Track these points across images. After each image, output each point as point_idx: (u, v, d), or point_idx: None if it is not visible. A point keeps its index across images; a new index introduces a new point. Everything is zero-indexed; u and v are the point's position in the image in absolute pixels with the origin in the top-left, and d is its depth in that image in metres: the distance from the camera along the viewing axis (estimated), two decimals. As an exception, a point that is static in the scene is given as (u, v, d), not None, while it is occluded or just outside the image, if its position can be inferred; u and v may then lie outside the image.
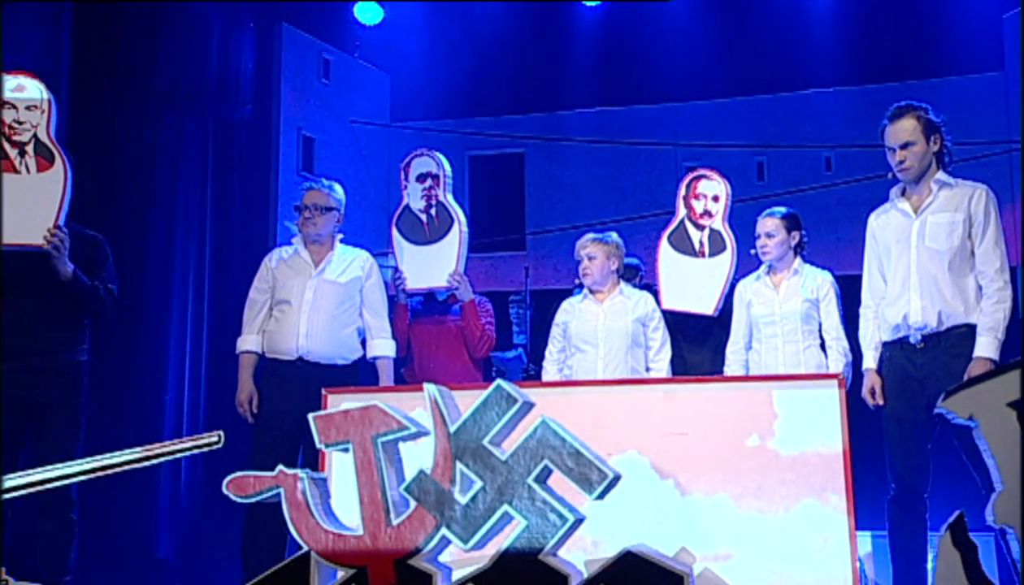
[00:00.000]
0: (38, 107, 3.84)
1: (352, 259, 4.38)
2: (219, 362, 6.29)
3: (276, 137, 6.54)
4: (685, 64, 6.77)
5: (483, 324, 4.57)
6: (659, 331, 4.36)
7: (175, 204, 6.19)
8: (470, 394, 3.84)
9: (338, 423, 1.72)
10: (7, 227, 3.74)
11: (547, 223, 7.16)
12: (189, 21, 6.19)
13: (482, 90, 7.09)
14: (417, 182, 4.59)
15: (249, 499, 1.74)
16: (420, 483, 1.66)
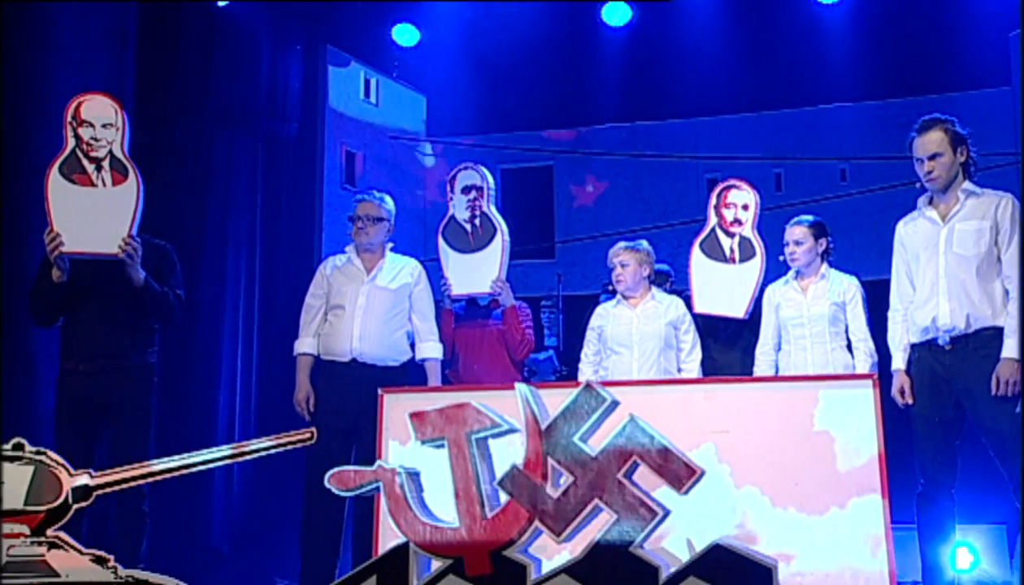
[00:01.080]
0: (113, 125, 3.86)
1: (402, 266, 4.39)
2: (268, 363, 6.33)
3: (321, 152, 6.59)
4: (706, 81, 6.78)
5: (524, 328, 4.57)
6: (690, 334, 4.35)
7: (227, 215, 6.23)
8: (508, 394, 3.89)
9: (434, 421, 1.72)
10: (85, 237, 3.78)
11: (575, 232, 7.17)
12: (241, 44, 6.23)
13: (512, 107, 7.12)
14: (462, 194, 4.60)
15: (350, 492, 1.74)
16: (513, 478, 1.65)
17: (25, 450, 2.05)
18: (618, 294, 4.43)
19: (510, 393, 3.95)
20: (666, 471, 1.66)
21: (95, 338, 3.89)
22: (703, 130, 7.00)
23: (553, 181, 7.26)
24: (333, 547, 4.24)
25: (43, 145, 4.65)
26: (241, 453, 2.16)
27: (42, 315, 3.99)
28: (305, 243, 6.50)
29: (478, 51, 7.00)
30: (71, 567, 1.97)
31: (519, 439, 1.73)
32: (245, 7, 6.14)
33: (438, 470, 3.68)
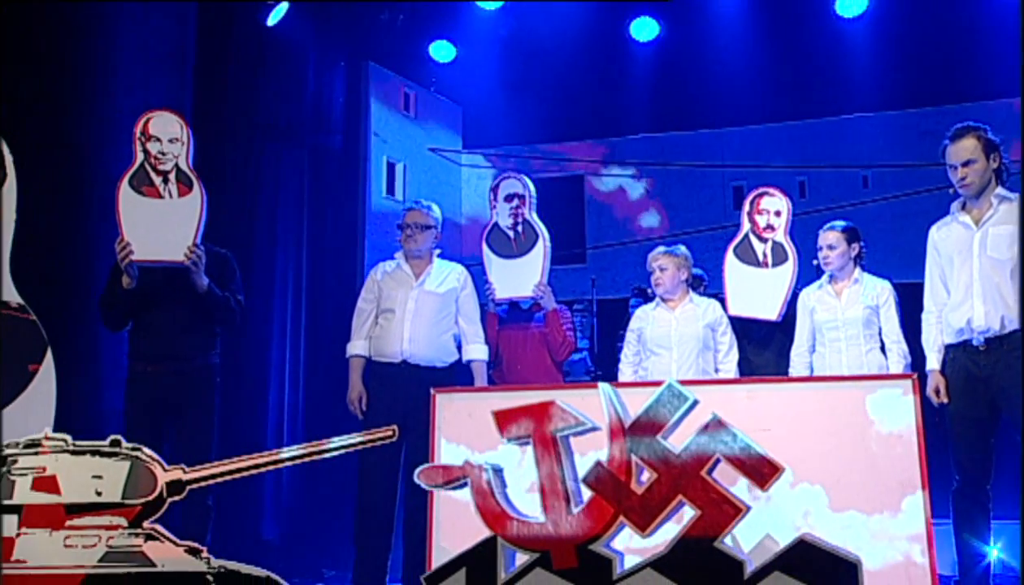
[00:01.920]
0: (179, 139, 3.91)
1: (449, 272, 4.42)
2: (315, 365, 6.37)
3: (364, 163, 6.60)
4: (731, 93, 6.76)
5: (565, 330, 4.58)
6: (727, 335, 4.34)
7: (276, 223, 6.28)
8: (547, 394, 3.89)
9: (518, 418, 1.73)
10: (154, 245, 3.82)
11: (605, 239, 7.16)
12: (288, 63, 6.29)
13: (545, 119, 7.12)
14: (505, 202, 4.61)
15: (437, 487, 1.75)
16: (597, 475, 1.65)
17: (122, 447, 2.07)
18: (657, 297, 4.42)
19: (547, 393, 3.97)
20: (749, 468, 1.65)
21: (162, 341, 3.94)
22: (729, 140, 6.98)
23: (584, 189, 7.25)
24: (386, 540, 4.26)
25: (109, 159, 4.71)
26: (328, 449, 2.18)
27: (112, 320, 4.04)
28: (349, 249, 6.54)
29: (512, 66, 7.01)
30: (166, 557, 1.99)
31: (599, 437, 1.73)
32: (292, 28, 6.19)
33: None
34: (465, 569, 1.50)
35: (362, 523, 4.24)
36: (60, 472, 2.05)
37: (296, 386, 6.31)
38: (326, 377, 6.29)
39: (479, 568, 1.49)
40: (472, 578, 1.49)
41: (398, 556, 4.34)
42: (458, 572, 1.50)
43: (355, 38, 6.65)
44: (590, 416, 1.75)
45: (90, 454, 2.05)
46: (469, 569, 1.50)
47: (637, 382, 3.72)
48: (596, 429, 1.73)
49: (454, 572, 1.50)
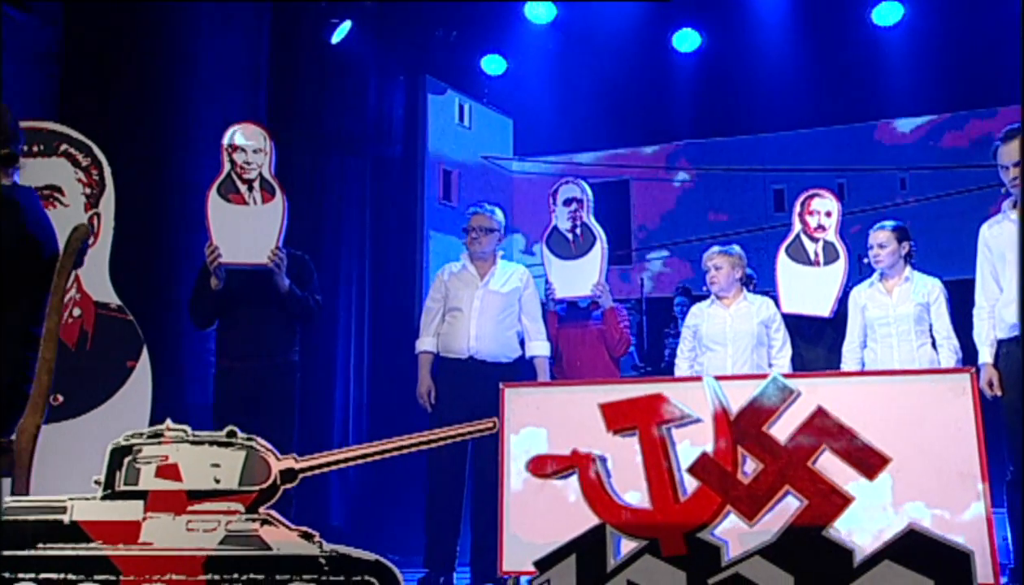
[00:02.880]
0: (262, 150, 3.95)
1: (512, 272, 4.41)
2: (378, 362, 6.40)
3: (421, 171, 6.63)
4: (771, 100, 6.70)
5: (622, 327, 4.55)
6: (780, 332, 4.29)
7: (340, 228, 6.32)
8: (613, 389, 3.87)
9: (626, 411, 1.71)
10: (240, 249, 3.86)
11: (650, 241, 7.12)
12: (351, 78, 6.33)
13: (591, 127, 7.09)
14: (564, 206, 4.60)
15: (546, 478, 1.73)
16: (704, 465, 1.63)
17: (237, 437, 2.09)
18: (712, 295, 4.38)
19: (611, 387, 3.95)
20: (856, 459, 1.61)
21: (247, 339, 3.97)
22: (769, 145, 6.90)
23: (630, 194, 7.21)
24: (454, 527, 4.26)
25: (193, 169, 4.78)
26: (431, 440, 2.18)
27: (201, 319, 4.09)
28: (408, 252, 6.57)
29: (559, 77, 7.01)
30: (281, 541, 2.00)
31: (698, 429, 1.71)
32: (354, 45, 6.24)
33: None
34: (575, 555, 1.48)
35: (433, 511, 4.25)
36: (181, 461, 2.07)
37: (360, 383, 6.35)
38: (389, 374, 6.32)
39: (589, 554, 1.47)
40: (582, 563, 1.47)
41: (466, 542, 4.34)
42: (568, 558, 1.48)
43: (413, 54, 6.69)
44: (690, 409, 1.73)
45: (208, 444, 2.06)
46: (579, 555, 1.48)
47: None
48: (699, 421, 1.71)
49: (564, 558, 1.48)
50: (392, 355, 6.38)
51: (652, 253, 7.07)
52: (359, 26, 6.21)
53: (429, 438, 2.13)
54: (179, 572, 2.01)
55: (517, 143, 7.32)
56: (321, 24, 6.09)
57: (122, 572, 2.03)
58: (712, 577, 1.53)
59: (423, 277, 6.47)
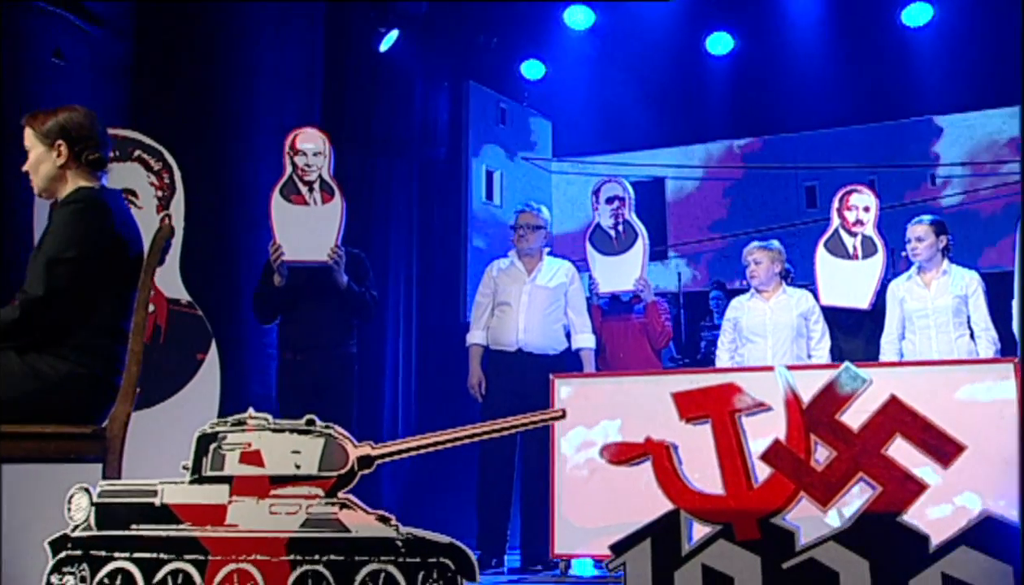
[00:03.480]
0: (322, 153, 3.99)
1: (558, 268, 4.41)
2: (425, 355, 6.43)
3: (465, 172, 6.64)
4: (802, 100, 6.61)
5: (663, 320, 4.54)
6: (819, 324, 4.24)
7: (389, 227, 6.34)
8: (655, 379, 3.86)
9: (698, 400, 1.70)
10: (301, 247, 3.90)
11: (684, 237, 7.07)
12: (398, 84, 6.35)
13: (627, 128, 7.05)
14: (607, 204, 4.59)
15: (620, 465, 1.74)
16: (776, 452, 1.61)
17: (316, 425, 2.11)
18: (752, 288, 4.34)
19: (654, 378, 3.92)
20: (931, 447, 1.58)
21: (308, 332, 4.01)
22: (800, 143, 6.82)
23: (664, 192, 7.16)
24: (505, 512, 4.28)
25: (253, 172, 4.83)
26: (502, 428, 2.19)
27: (265, 314, 4.14)
28: (453, 250, 6.59)
29: (596, 80, 6.98)
30: (359, 524, 2.02)
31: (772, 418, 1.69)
32: (401, 53, 6.26)
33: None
34: (650, 540, 1.47)
35: (484, 497, 4.27)
36: (263, 447, 2.09)
37: (409, 374, 6.38)
38: (435, 366, 6.35)
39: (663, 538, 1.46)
40: (657, 547, 1.46)
41: (516, 526, 4.35)
42: (643, 542, 1.47)
43: (456, 60, 6.70)
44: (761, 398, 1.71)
45: (289, 432, 2.08)
46: (654, 539, 1.47)
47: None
48: (770, 410, 1.69)
49: (639, 542, 1.47)
50: (438, 348, 6.41)
51: (687, 249, 7.01)
52: (406, 35, 6.23)
53: (502, 426, 2.14)
54: (263, 553, 2.03)
55: (556, 144, 7.31)
56: (370, 33, 6.12)
57: (210, 552, 2.06)
58: (786, 561, 1.51)
59: (467, 273, 6.49)
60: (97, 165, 2.45)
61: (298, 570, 2.00)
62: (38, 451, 2.21)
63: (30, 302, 2.22)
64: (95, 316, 2.31)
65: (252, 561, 2.03)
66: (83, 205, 2.33)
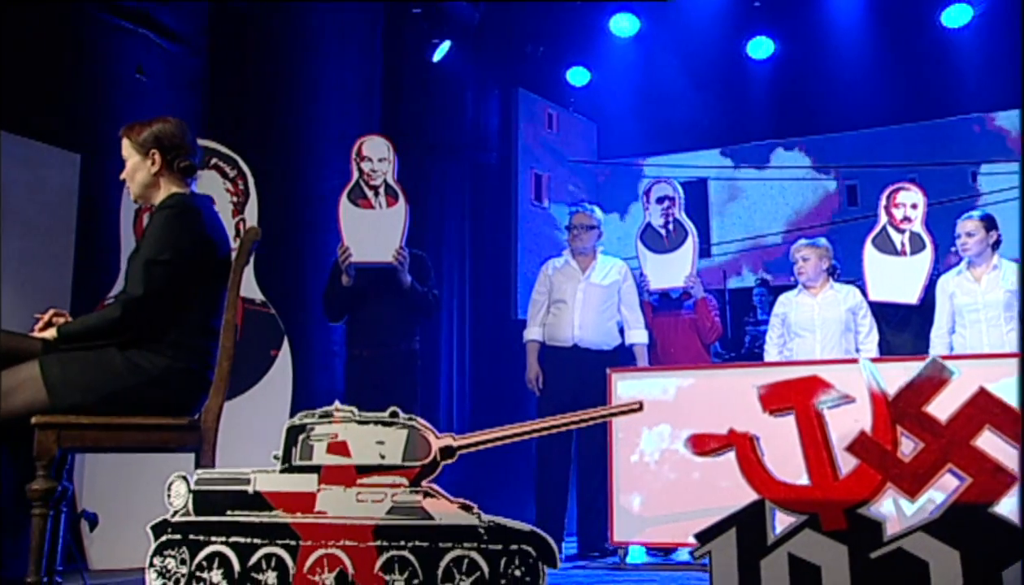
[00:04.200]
0: (386, 159, 4.01)
1: (611, 266, 4.37)
2: (478, 350, 6.43)
3: (515, 175, 6.62)
4: (842, 100, 6.49)
5: (713, 316, 4.48)
6: (867, 318, 4.15)
7: (442, 228, 6.36)
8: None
9: (783, 392, 1.67)
10: (369, 249, 3.92)
11: (727, 235, 6.98)
12: (451, 91, 6.37)
13: (671, 131, 6.98)
14: (657, 203, 4.55)
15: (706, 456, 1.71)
16: (863, 443, 1.57)
17: (399, 417, 2.11)
18: (800, 284, 4.27)
19: (706, 372, 3.87)
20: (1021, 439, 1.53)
21: (374, 329, 4.04)
22: (841, 143, 6.69)
23: (708, 192, 7.08)
24: (562, 500, 4.26)
25: (316, 176, 4.88)
26: (581, 420, 2.17)
27: (334, 312, 4.17)
28: (503, 249, 6.58)
29: (639, 85, 6.92)
30: (443, 512, 2.01)
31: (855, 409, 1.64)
32: (454, 62, 6.27)
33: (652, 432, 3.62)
34: (735, 529, 1.44)
35: (542, 486, 4.25)
36: (349, 438, 2.10)
37: (463, 370, 6.38)
38: (487, 361, 6.35)
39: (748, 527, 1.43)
40: (743, 536, 1.43)
41: (572, 514, 4.33)
42: (728, 531, 1.44)
43: (506, 68, 6.69)
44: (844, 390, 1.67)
45: (374, 423, 2.09)
46: (739, 528, 1.44)
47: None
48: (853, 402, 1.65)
49: (724, 531, 1.44)
50: (491, 344, 6.41)
51: (730, 247, 6.92)
52: (458, 45, 6.24)
53: (581, 418, 2.13)
54: (352, 539, 2.04)
55: (600, 146, 7.27)
56: (424, 44, 6.14)
57: (301, 538, 2.07)
58: (874, 551, 1.47)
59: (518, 271, 6.48)
60: (188, 172, 2.48)
61: (385, 555, 2.00)
62: (140, 441, 2.24)
63: (130, 301, 2.26)
64: (188, 314, 2.34)
65: (341, 547, 2.04)
66: (176, 210, 2.36)
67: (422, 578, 1.97)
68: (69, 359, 2.21)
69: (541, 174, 6.79)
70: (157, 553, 2.16)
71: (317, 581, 2.04)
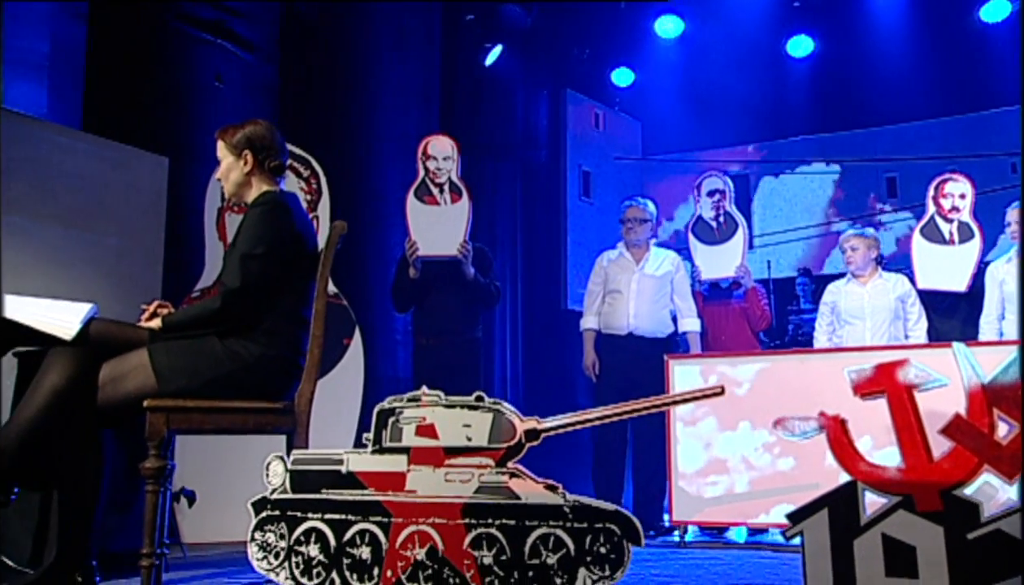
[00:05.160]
0: (451, 157, 3.99)
1: (664, 257, 4.31)
2: (530, 339, 6.40)
3: (564, 172, 6.58)
4: (882, 95, 6.32)
5: (763, 305, 4.40)
6: (916, 306, 4.03)
7: (495, 223, 6.33)
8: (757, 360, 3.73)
9: (874, 377, 1.61)
10: (435, 243, 3.91)
11: (769, 228, 6.84)
12: (502, 93, 6.34)
13: (712, 128, 6.87)
14: (708, 197, 4.47)
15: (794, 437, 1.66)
16: (958, 426, 1.51)
17: (485, 401, 2.09)
18: (848, 273, 4.16)
19: (753, 358, 3.78)
20: None
21: (440, 319, 4.03)
22: (880, 137, 6.51)
23: (750, 186, 6.95)
24: (619, 481, 4.22)
25: (379, 175, 4.89)
26: (664, 404, 2.13)
27: (402, 304, 4.17)
28: (553, 243, 6.54)
29: (682, 84, 6.82)
30: (528, 491, 1.99)
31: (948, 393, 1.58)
32: (505, 65, 6.24)
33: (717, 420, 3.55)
34: (827, 509, 1.39)
35: (599, 467, 4.22)
36: (437, 421, 2.08)
37: (516, 357, 6.36)
38: (539, 349, 6.32)
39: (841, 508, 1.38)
40: (835, 517, 1.38)
41: (628, 494, 4.29)
42: (820, 512, 1.39)
43: (554, 71, 6.63)
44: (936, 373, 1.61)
45: (460, 407, 2.07)
46: (831, 509, 1.39)
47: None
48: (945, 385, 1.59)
49: (816, 512, 1.39)
50: (542, 332, 6.38)
51: (772, 239, 6.79)
52: (509, 49, 6.21)
53: (664, 401, 2.10)
54: (441, 516, 2.03)
55: (645, 144, 7.18)
56: (477, 49, 6.12)
57: (393, 515, 2.07)
58: (971, 532, 1.41)
59: (567, 264, 6.44)
60: (277, 171, 2.49)
61: (473, 532, 1.99)
62: (240, 423, 2.26)
63: (228, 293, 2.27)
64: (281, 304, 2.35)
65: (431, 524, 2.03)
66: (269, 207, 2.37)
67: (509, 554, 1.95)
68: (174, 347, 2.23)
69: (588, 171, 6.73)
70: (258, 528, 2.18)
71: (409, 556, 2.03)
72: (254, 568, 2.19)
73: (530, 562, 1.93)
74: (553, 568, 1.91)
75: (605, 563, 1.88)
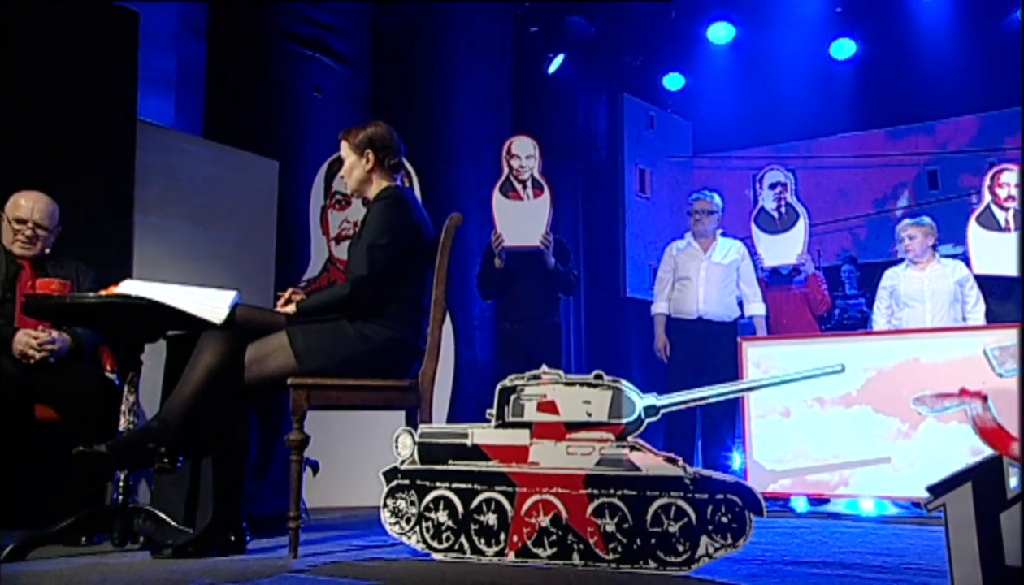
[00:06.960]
0: (532, 156, 3.92)
1: (730, 246, 4.18)
2: (593, 325, 6.30)
3: (622, 171, 6.46)
4: (920, 92, 6.05)
5: (823, 290, 4.23)
6: (974, 290, 3.84)
7: (559, 219, 6.21)
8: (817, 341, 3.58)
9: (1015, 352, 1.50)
10: (517, 235, 3.84)
11: (815, 219, 6.61)
12: (564, 97, 6.23)
13: (759, 127, 6.66)
14: (769, 189, 4.32)
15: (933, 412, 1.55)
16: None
17: (604, 379, 2.01)
18: (906, 260, 3.97)
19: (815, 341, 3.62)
20: None
21: (522, 305, 3.97)
22: (921, 132, 6.24)
23: (797, 181, 6.69)
24: (688, 459, 4.11)
25: (456, 174, 4.84)
26: (783, 381, 2.04)
27: (488, 291, 4.12)
28: (613, 235, 6.44)
29: (731, 86, 6.62)
30: (649, 463, 1.91)
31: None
32: (567, 73, 6.14)
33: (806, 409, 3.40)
34: (971, 483, 1.29)
35: (670, 439, 4.10)
36: (557, 398, 2.02)
37: (579, 341, 6.27)
38: (601, 335, 6.23)
39: (985, 482, 1.28)
40: (979, 490, 1.28)
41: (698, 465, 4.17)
42: (964, 485, 1.29)
43: (613, 77, 6.51)
44: None
45: (579, 385, 2.00)
46: (975, 482, 1.29)
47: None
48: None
49: (959, 485, 1.29)
50: (603, 319, 6.28)
51: (819, 229, 6.57)
52: (570, 58, 6.10)
53: (783, 378, 1.98)
54: (564, 487, 1.97)
55: (696, 143, 7.01)
56: (541, 58, 6.03)
57: (518, 485, 2.01)
58: None
59: (626, 255, 6.34)
60: (396, 168, 2.45)
61: (595, 502, 1.92)
62: (371, 399, 2.23)
63: (357, 280, 2.24)
64: (404, 291, 2.31)
65: (554, 493, 1.97)
66: (391, 200, 2.33)
67: (632, 522, 1.87)
68: (310, 330, 2.20)
69: (644, 169, 6.59)
70: (390, 495, 2.14)
71: (534, 523, 1.97)
72: (381, 530, 2.15)
73: (652, 530, 1.86)
74: (675, 536, 1.83)
75: (727, 532, 1.79)
